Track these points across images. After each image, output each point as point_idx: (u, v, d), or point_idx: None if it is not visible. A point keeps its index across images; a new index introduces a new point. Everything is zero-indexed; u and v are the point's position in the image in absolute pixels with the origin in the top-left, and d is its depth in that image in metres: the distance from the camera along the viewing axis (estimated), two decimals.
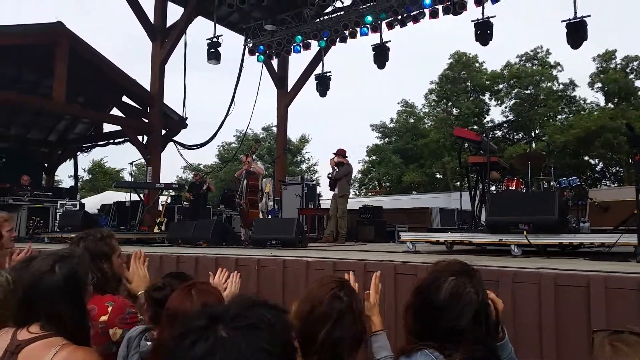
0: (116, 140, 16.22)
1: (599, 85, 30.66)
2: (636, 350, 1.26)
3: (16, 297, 1.74)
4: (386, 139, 39.94)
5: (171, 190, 12.44)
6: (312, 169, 40.22)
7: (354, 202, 9.69)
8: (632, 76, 29.50)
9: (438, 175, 36.64)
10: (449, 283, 1.60)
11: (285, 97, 14.83)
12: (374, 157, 39.66)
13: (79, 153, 18.01)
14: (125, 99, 14.56)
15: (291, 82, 14.87)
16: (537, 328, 2.91)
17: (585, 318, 2.74)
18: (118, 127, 14.92)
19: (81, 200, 14.11)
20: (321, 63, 13.23)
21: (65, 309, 1.67)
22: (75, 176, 18.90)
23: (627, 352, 1.26)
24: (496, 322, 1.71)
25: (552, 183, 7.37)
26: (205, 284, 1.92)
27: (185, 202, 13.57)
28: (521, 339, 2.90)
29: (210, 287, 1.92)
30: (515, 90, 33.58)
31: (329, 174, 9.11)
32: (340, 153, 9.17)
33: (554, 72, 32.76)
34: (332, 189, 9.09)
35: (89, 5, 68.48)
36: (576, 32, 9.14)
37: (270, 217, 9.90)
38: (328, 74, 13.05)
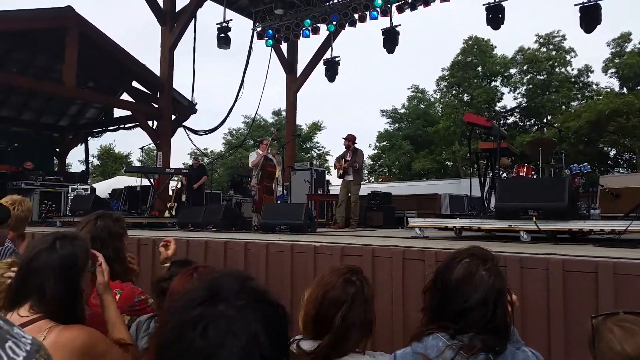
0: (126, 125, 16.30)
1: (613, 70, 30.08)
2: None
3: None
4: (396, 125, 39.72)
5: (181, 175, 12.48)
6: (323, 156, 39.84)
7: (364, 187, 9.68)
8: None
9: (448, 163, 36.43)
10: (462, 264, 1.65)
11: (295, 83, 14.71)
12: (384, 143, 39.49)
13: (89, 138, 18.13)
14: (135, 84, 14.58)
15: (300, 67, 14.77)
16: (545, 313, 2.91)
17: (594, 304, 2.73)
18: (128, 112, 14.97)
19: (92, 185, 14.24)
20: (330, 48, 13.13)
21: (57, 288, 1.65)
22: (86, 161, 19.07)
23: (637, 330, 1.33)
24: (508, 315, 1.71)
25: (563, 169, 7.31)
26: (208, 267, 1.93)
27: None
28: (529, 324, 2.91)
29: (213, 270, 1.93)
30: (529, 75, 33.07)
31: (344, 160, 8.99)
32: (350, 139, 9.09)
33: (568, 58, 32.19)
34: (341, 177, 9.05)
35: None
36: (590, 15, 8.97)
37: (279, 202, 9.92)
38: (337, 59, 12.93)
